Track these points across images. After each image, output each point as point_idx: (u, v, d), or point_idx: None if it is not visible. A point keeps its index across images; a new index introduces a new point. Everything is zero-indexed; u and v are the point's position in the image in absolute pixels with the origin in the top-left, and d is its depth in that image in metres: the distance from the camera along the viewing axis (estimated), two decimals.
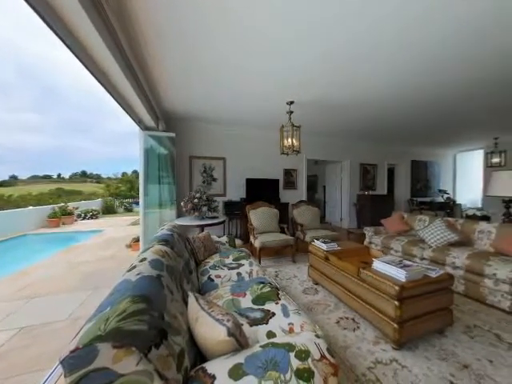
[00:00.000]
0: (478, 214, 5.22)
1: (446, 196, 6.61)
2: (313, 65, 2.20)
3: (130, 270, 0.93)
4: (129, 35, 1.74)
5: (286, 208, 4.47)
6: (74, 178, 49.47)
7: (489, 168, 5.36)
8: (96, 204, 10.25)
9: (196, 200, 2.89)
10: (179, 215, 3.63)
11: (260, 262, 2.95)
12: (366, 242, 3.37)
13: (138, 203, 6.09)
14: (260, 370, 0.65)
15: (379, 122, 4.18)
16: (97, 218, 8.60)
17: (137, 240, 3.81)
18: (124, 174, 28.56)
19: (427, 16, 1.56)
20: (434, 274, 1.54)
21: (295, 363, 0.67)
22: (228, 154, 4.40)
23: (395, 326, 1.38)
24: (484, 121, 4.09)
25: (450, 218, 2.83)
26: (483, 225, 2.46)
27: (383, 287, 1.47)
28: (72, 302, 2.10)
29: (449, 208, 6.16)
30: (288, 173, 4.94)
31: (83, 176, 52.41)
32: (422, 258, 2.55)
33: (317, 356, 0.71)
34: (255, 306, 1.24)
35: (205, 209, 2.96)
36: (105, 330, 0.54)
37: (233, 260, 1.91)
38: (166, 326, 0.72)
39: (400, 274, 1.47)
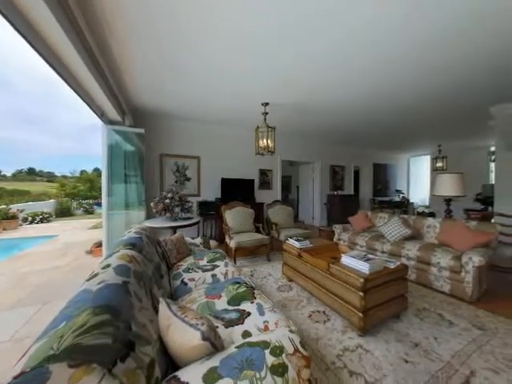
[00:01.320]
0: (426, 211, 6.01)
1: (401, 196, 7.45)
2: (288, 69, 2.28)
3: (90, 279, 0.84)
4: (89, 19, 1.57)
5: (262, 208, 4.53)
6: (19, 175, 42.68)
7: (434, 171, 6.20)
8: (48, 206, 9.01)
9: (168, 200, 2.75)
10: (149, 217, 3.41)
11: (235, 263, 2.93)
12: (335, 239, 3.60)
13: (100, 204, 5.53)
14: (236, 370, 0.64)
15: (346, 128, 4.52)
16: (49, 221, 7.57)
17: (99, 245, 3.46)
18: (83, 172, 25.63)
19: (383, 38, 1.75)
20: (392, 266, 1.72)
21: (270, 360, 0.69)
22: (203, 153, 4.28)
23: (360, 314, 1.51)
24: (430, 130, 4.73)
25: (404, 215, 3.20)
26: (430, 220, 2.83)
27: (350, 280, 1.59)
28: (16, 320, 1.81)
29: (404, 206, 6.95)
30: (263, 173, 5.01)
31: (31, 174, 45.57)
32: (383, 252, 2.82)
33: (290, 350, 0.73)
34: (231, 307, 1.23)
35: (177, 209, 2.83)
36: (58, 349, 0.48)
37: (207, 262, 1.86)
38: (133, 336, 0.67)
39: (364, 267, 1.61)
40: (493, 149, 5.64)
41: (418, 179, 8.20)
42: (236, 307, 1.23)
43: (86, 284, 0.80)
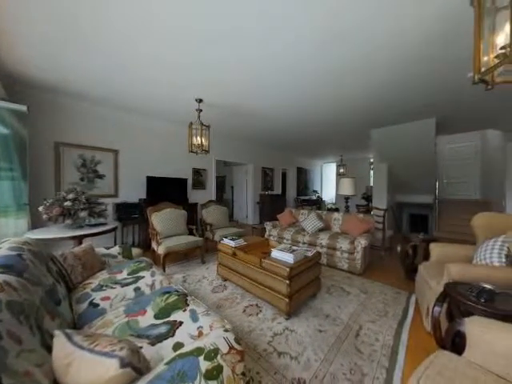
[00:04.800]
0: (334, 207, 7.55)
1: (317, 195, 9.01)
2: (220, 70, 2.28)
3: None
4: None
5: (195, 208, 4.31)
6: None
7: (338, 176, 7.89)
8: None
9: (69, 203, 2.15)
10: (36, 225, 2.54)
11: (165, 270, 2.65)
12: (266, 235, 3.92)
13: None
14: None
15: (274, 134, 5.01)
16: None
17: None
18: None
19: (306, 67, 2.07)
20: (310, 254, 2.05)
21: (204, 365, 0.67)
22: (123, 146, 3.61)
23: (287, 300, 1.71)
24: (334, 144, 5.99)
25: (318, 211, 3.89)
26: (336, 214, 3.58)
27: (278, 271, 1.77)
28: None
29: (318, 204, 8.43)
30: (197, 172, 4.79)
31: None
32: (303, 243, 3.31)
33: (225, 350, 0.74)
34: (159, 321, 1.10)
35: (84, 214, 2.26)
36: None
37: (128, 274, 1.59)
38: None
39: (289, 258, 1.84)
40: (372, 160, 7.77)
41: (328, 182, 10.17)
42: (165, 319, 1.11)
43: None
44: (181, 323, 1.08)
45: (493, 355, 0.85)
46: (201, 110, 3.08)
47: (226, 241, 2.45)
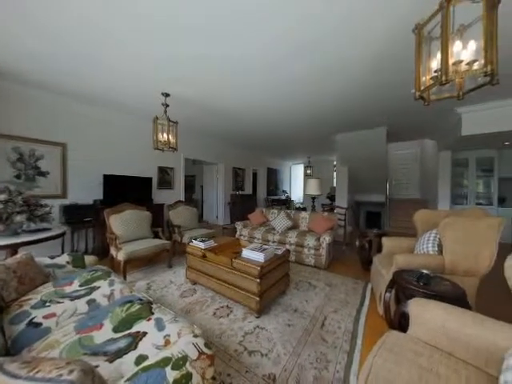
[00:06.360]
0: (301, 206, 7.95)
1: (286, 195, 9.35)
2: (189, 65, 2.19)
3: None
4: None
5: (161, 209, 4.04)
6: None
7: (305, 176, 8.33)
8: None
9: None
10: None
11: (126, 278, 2.42)
12: (237, 235, 3.90)
13: None
14: None
15: (247, 133, 5.03)
16: None
17: None
18: None
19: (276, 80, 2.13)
20: (279, 252, 2.12)
21: (172, 375, 0.63)
22: (73, 140, 3.17)
23: (257, 298, 1.73)
24: (302, 146, 6.31)
25: (288, 211, 4.04)
26: (303, 213, 3.77)
27: (249, 270, 1.78)
28: None
29: (287, 203, 8.76)
30: (163, 171, 4.49)
31: None
32: (273, 242, 3.40)
33: (195, 356, 0.71)
34: (118, 335, 1.00)
35: (20, 218, 1.91)
36: None
37: (80, 285, 1.40)
38: None
39: (260, 257, 1.86)
40: (335, 163, 8.42)
41: (296, 182, 10.64)
42: (126, 332, 1.01)
43: None
44: (145, 334, 0.99)
45: (431, 329, 1.01)
46: (167, 105, 2.90)
47: (195, 243, 2.36)
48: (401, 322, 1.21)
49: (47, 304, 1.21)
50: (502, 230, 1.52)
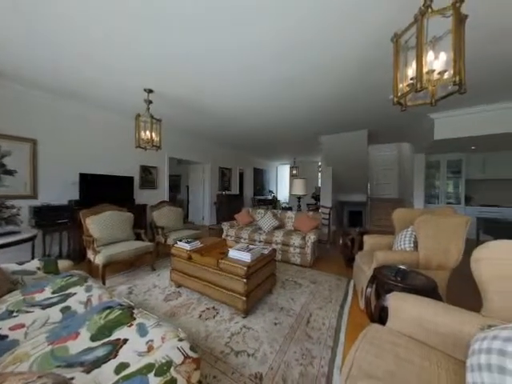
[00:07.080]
0: (287, 206, 8.06)
1: (272, 195, 9.43)
2: (175, 60, 2.12)
3: None
4: None
5: (144, 210, 3.89)
6: None
7: (291, 177, 8.47)
8: None
9: None
10: None
11: (105, 283, 2.29)
12: (223, 235, 3.86)
13: None
14: None
15: (234, 133, 4.99)
16: None
17: None
18: None
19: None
20: (266, 252, 2.13)
21: (155, 382, 0.61)
22: (44, 136, 2.94)
23: (244, 298, 1.73)
24: (288, 147, 6.41)
25: (274, 210, 4.08)
26: (289, 213, 3.82)
27: (236, 270, 1.77)
28: None
29: (274, 203, 8.85)
30: (146, 170, 4.32)
31: None
32: (260, 241, 3.42)
33: (179, 360, 0.69)
34: (96, 343, 0.94)
35: None
36: None
37: (53, 292, 1.31)
38: None
39: (246, 257, 1.86)
40: (320, 163, 8.66)
41: (282, 182, 10.78)
42: (105, 340, 0.96)
43: None
44: (125, 341, 0.95)
45: (407, 320, 1.07)
46: (150, 102, 2.79)
47: (180, 244, 2.30)
48: (381, 316, 1.28)
49: (14, 314, 1.11)
50: (468, 227, 1.66)
